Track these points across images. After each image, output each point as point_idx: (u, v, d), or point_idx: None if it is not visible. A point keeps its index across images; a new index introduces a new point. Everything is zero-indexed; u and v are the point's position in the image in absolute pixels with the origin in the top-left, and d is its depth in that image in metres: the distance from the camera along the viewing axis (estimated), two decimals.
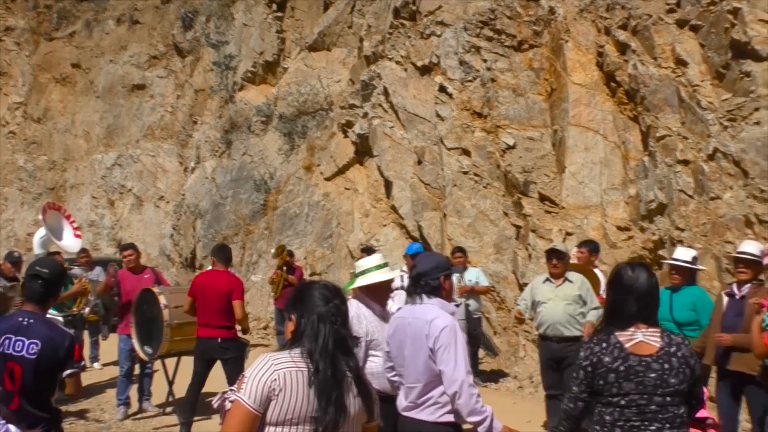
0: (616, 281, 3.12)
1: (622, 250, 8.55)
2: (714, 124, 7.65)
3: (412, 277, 3.66)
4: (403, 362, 3.58)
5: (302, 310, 2.56)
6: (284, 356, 2.46)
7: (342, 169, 13.23)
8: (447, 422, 3.46)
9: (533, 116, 9.84)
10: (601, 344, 3.05)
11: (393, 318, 3.80)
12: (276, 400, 2.37)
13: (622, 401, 2.98)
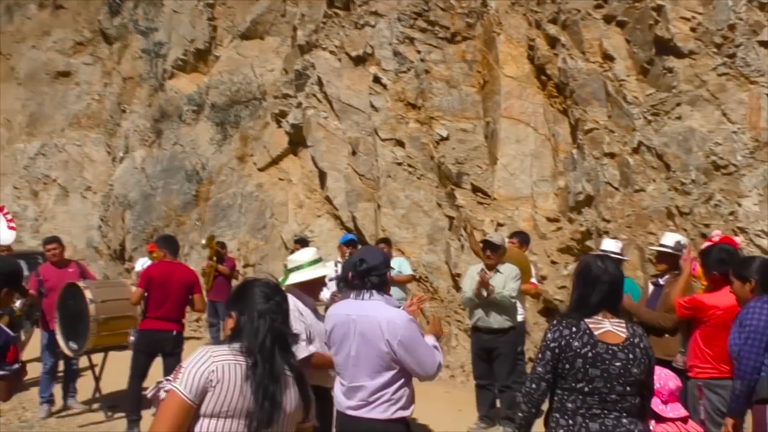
0: (585, 272, 3.22)
1: (551, 240, 8.74)
2: (639, 119, 7.88)
3: (361, 271, 3.48)
4: (347, 361, 3.44)
5: (242, 308, 2.57)
6: (223, 349, 2.46)
7: (275, 160, 13.08)
8: (399, 418, 3.41)
9: (466, 108, 9.94)
10: (570, 328, 3.11)
11: (332, 314, 3.58)
12: (212, 392, 2.37)
13: (586, 388, 3.05)
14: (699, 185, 7.28)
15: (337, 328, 3.50)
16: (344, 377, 3.47)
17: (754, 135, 7.01)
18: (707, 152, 7.24)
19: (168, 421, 2.35)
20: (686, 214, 7.33)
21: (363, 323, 3.40)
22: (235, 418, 2.39)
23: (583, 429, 3.04)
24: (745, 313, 3.92)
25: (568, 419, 3.08)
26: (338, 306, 3.63)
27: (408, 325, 3.36)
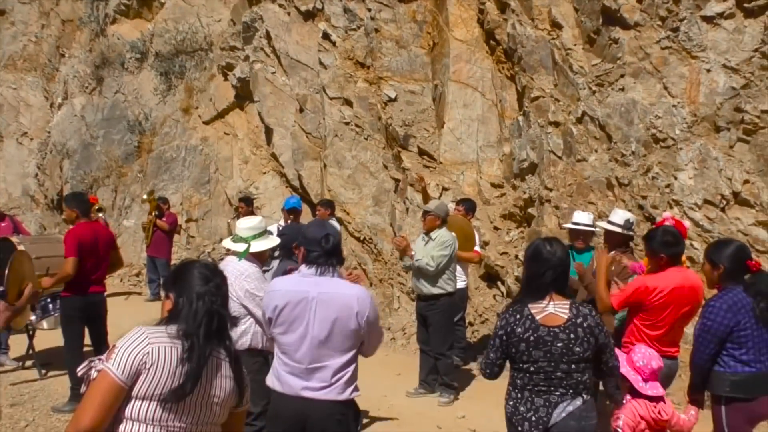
0: (535, 255, 3.36)
1: (495, 206, 8.85)
2: (584, 89, 7.96)
3: (329, 249, 3.39)
4: (303, 341, 3.31)
5: (180, 290, 2.51)
6: (160, 332, 2.41)
7: (221, 114, 12.83)
8: (353, 398, 3.41)
9: (415, 69, 9.87)
10: (515, 315, 3.33)
11: (283, 290, 3.40)
12: (146, 374, 2.32)
13: (531, 368, 3.27)
14: (638, 157, 7.43)
15: (290, 306, 3.33)
16: (297, 358, 3.32)
17: (693, 109, 7.16)
18: (647, 125, 7.38)
19: (98, 402, 2.29)
20: (625, 185, 7.49)
21: (329, 301, 3.30)
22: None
23: (528, 402, 3.30)
24: (706, 311, 3.93)
25: (518, 393, 3.34)
26: (288, 281, 3.48)
27: (372, 300, 3.40)
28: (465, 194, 8.88)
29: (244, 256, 4.47)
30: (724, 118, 6.87)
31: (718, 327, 3.84)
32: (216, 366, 2.47)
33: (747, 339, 3.86)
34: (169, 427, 2.38)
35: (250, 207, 10.33)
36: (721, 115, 6.89)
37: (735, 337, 3.86)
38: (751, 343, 3.87)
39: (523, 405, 3.30)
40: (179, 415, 2.38)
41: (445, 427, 5.91)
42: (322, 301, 3.30)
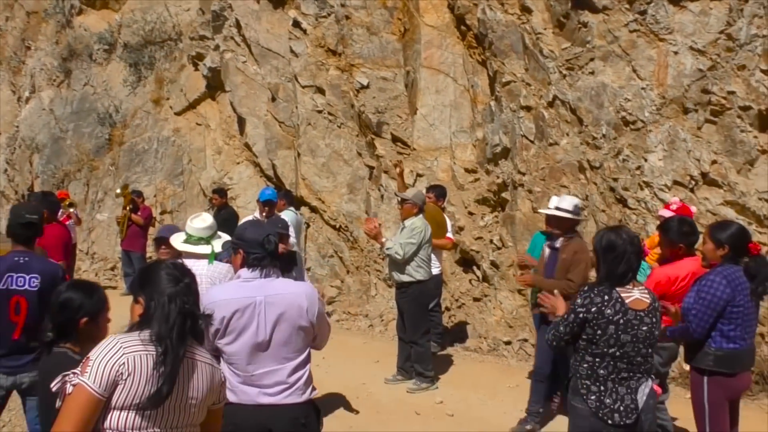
0: (611, 247, 3.40)
1: (468, 191, 8.90)
2: (554, 72, 8.00)
3: (272, 252, 3.24)
4: (252, 347, 3.16)
5: (151, 292, 2.46)
6: (134, 340, 2.35)
7: (193, 104, 12.71)
8: (312, 399, 3.32)
9: (387, 56, 9.85)
10: (602, 296, 3.33)
11: (226, 299, 3.18)
12: (123, 384, 2.28)
13: (618, 353, 3.30)
14: (609, 140, 7.50)
15: (238, 314, 3.15)
16: (249, 366, 3.17)
17: (661, 92, 7.23)
18: (617, 108, 7.44)
19: (76, 417, 2.25)
20: (596, 168, 7.57)
21: (279, 303, 3.16)
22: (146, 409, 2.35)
23: (613, 393, 3.33)
24: (703, 284, 4.00)
25: (600, 385, 3.36)
26: (230, 289, 3.27)
27: (318, 295, 3.32)
28: (439, 180, 8.91)
29: (213, 259, 4.35)
30: (691, 99, 6.96)
31: (718, 300, 3.94)
32: (191, 367, 2.44)
33: (738, 316, 3.98)
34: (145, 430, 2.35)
35: (224, 198, 10.27)
36: (688, 96, 6.98)
37: (728, 312, 3.96)
38: (740, 320, 3.99)
39: (608, 397, 3.33)
40: (157, 420, 2.35)
41: (423, 412, 5.96)
42: (271, 304, 3.16)
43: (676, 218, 4.73)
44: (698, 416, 4.05)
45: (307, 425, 3.25)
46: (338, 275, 10.01)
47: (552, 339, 3.52)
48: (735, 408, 4.17)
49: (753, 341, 4.18)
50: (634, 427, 3.34)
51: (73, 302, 2.92)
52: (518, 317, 7.90)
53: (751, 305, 4.03)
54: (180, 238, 4.47)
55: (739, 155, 6.64)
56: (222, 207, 10.07)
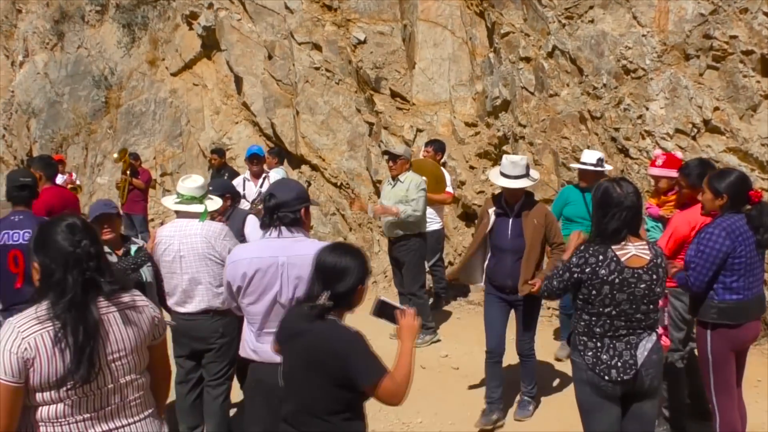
0: (606, 198, 3.30)
1: (469, 145, 8.85)
2: (553, 22, 7.88)
3: (268, 208, 3.24)
4: (273, 308, 3.19)
5: (45, 257, 2.33)
6: (29, 319, 2.29)
7: (189, 64, 12.57)
8: None
9: (383, 10, 9.69)
10: (597, 256, 3.25)
11: (249, 258, 3.22)
12: (33, 368, 2.25)
13: (614, 311, 3.24)
14: (610, 89, 7.42)
15: (261, 273, 3.18)
16: (271, 326, 3.16)
17: (662, 38, 7.13)
18: (618, 56, 7.35)
19: (4, 410, 2.25)
20: (597, 118, 7.51)
21: (301, 265, 3.10)
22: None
23: (611, 349, 3.29)
24: (702, 237, 3.92)
25: (596, 342, 3.32)
26: (254, 248, 3.32)
27: None
28: (439, 135, 8.86)
29: (205, 217, 4.38)
30: (693, 45, 6.86)
31: (717, 253, 3.86)
32: (109, 322, 2.38)
33: (740, 267, 3.91)
34: (83, 399, 2.33)
35: (223, 158, 10.23)
36: (690, 42, 6.87)
37: (729, 264, 3.89)
38: (743, 270, 3.92)
39: (605, 353, 3.29)
40: (83, 387, 2.32)
41: (428, 366, 6.03)
42: (293, 265, 3.15)
43: (696, 160, 4.64)
44: (704, 368, 4.05)
45: None
46: (341, 233, 10.03)
47: (545, 291, 3.51)
48: (742, 358, 4.14)
49: (760, 290, 4.13)
50: (633, 383, 3.31)
51: (353, 270, 2.76)
52: None
53: (755, 254, 3.95)
54: (172, 199, 4.50)
55: (742, 101, 6.57)
56: (221, 167, 10.04)
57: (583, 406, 3.47)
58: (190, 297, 4.28)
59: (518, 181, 4.84)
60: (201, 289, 4.26)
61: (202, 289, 4.26)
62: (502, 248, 4.95)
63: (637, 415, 3.41)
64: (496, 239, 4.97)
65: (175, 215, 4.52)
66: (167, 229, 4.40)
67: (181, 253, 4.25)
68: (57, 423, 2.33)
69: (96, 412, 2.36)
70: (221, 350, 4.34)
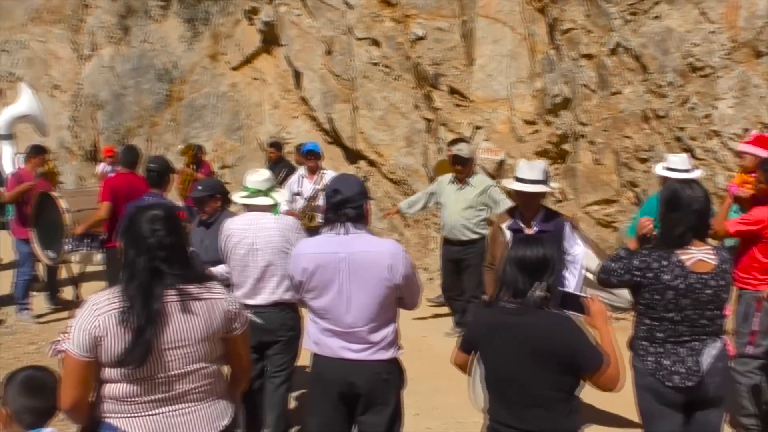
0: (674, 200, 3.22)
1: (528, 143, 8.77)
2: (617, 18, 7.74)
3: (334, 204, 3.23)
4: (338, 304, 3.19)
5: (125, 240, 2.52)
6: (105, 298, 2.44)
7: (249, 59, 12.76)
8: (396, 357, 3.36)
9: (442, 5, 9.66)
10: (660, 261, 3.16)
11: (311, 253, 3.25)
12: (101, 345, 2.39)
13: (677, 317, 3.16)
14: (675, 87, 7.26)
15: (322, 269, 3.19)
16: (333, 322, 3.22)
17: (732, 35, 6.93)
18: (684, 53, 7.18)
19: (71, 381, 2.42)
20: (662, 117, 7.35)
21: (361, 261, 3.15)
22: None
23: (673, 354, 3.20)
24: None
25: (658, 347, 3.23)
26: (316, 243, 3.33)
27: (406, 255, 3.29)
28: (498, 132, 8.83)
29: (278, 210, 4.45)
30: (765, 42, 6.66)
31: None
32: (173, 311, 2.47)
33: None
34: (145, 382, 2.44)
35: (280, 151, 10.35)
36: (762, 39, 6.67)
37: None
38: None
39: (667, 359, 3.20)
40: (147, 370, 2.42)
41: None
42: (354, 261, 3.15)
43: None
44: None
45: (390, 381, 3.31)
46: (397, 229, 10.07)
47: (600, 281, 3.45)
48: None
49: None
50: (698, 391, 3.20)
51: (555, 259, 2.83)
52: None
53: None
54: (240, 193, 4.58)
55: None
56: (278, 160, 10.16)
57: (643, 412, 3.38)
58: (262, 289, 4.33)
59: (535, 186, 4.35)
60: (274, 281, 4.31)
61: (274, 282, 4.31)
62: None
63: (701, 424, 3.30)
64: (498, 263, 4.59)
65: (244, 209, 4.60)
66: (239, 221, 4.46)
67: (256, 246, 4.29)
68: (120, 401, 2.45)
69: (159, 395, 2.47)
70: (288, 343, 4.39)
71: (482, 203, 6.60)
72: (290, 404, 4.91)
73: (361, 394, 3.27)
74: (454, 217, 6.61)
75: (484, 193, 6.57)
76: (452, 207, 6.61)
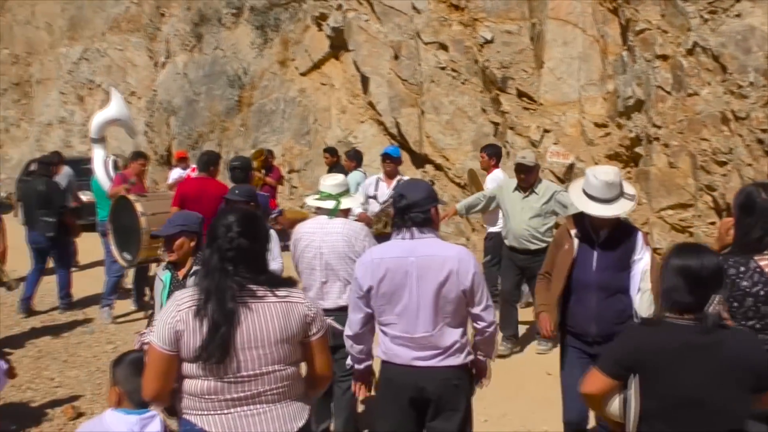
0: (748, 203, 3.09)
1: (599, 147, 8.59)
2: (694, 17, 7.49)
3: (400, 209, 3.23)
4: (407, 310, 3.17)
5: (208, 239, 2.62)
6: (187, 294, 2.53)
7: (317, 64, 12.92)
8: (468, 363, 3.32)
9: (511, 8, 9.56)
10: (737, 267, 3.02)
11: (378, 258, 3.23)
12: (182, 339, 2.47)
13: (758, 325, 3.01)
14: (757, 88, 6.97)
15: (391, 274, 3.16)
16: (402, 329, 3.20)
17: None
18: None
19: (154, 373, 2.52)
20: (742, 118, 7.07)
21: (429, 266, 3.13)
22: None
23: None
24: None
25: None
26: (384, 249, 3.31)
27: (474, 259, 3.26)
28: (567, 135, 8.67)
29: (335, 213, 4.48)
30: None
31: None
32: (252, 311, 2.52)
33: None
34: (220, 382, 2.49)
35: (335, 157, 10.44)
36: None
37: None
38: None
39: None
40: (222, 369, 2.48)
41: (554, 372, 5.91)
42: (422, 266, 3.13)
43: None
44: None
45: (460, 386, 3.28)
46: (463, 233, 10.01)
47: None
48: None
49: None
50: None
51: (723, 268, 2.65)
52: None
53: None
54: (313, 196, 4.68)
55: None
56: (333, 165, 10.26)
57: None
58: (328, 294, 4.39)
59: (615, 206, 3.79)
60: (339, 286, 4.37)
61: (339, 286, 4.37)
62: (584, 283, 3.91)
63: None
64: (577, 271, 3.93)
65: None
66: (308, 225, 4.54)
67: (321, 249, 4.36)
68: (198, 399, 2.52)
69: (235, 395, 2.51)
70: None
71: (549, 211, 6.39)
72: (358, 408, 4.93)
73: (431, 400, 3.25)
74: (520, 227, 6.38)
75: (551, 200, 6.33)
76: (518, 216, 6.39)
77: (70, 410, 5.49)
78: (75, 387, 6.09)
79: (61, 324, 7.98)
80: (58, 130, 20.37)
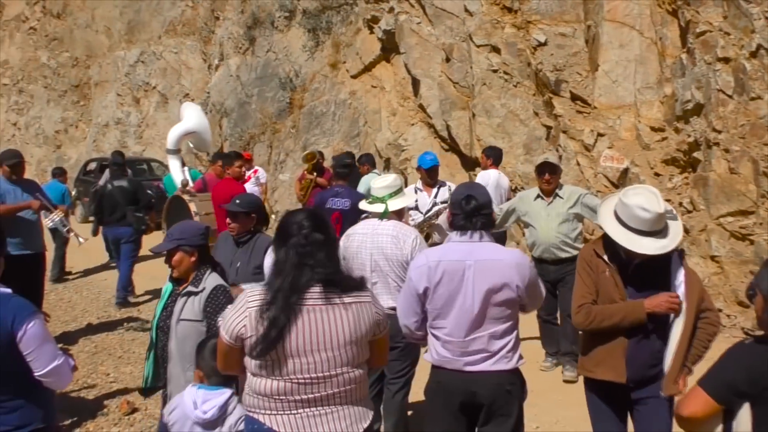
0: None
1: (655, 151, 8.40)
2: (759, 19, 7.28)
3: (468, 211, 3.19)
4: (462, 313, 3.15)
5: (278, 240, 2.67)
6: (256, 292, 2.59)
7: (368, 67, 12.95)
8: (518, 367, 3.29)
9: (566, 11, 9.43)
10: None
11: (435, 260, 3.21)
12: (245, 335, 2.55)
13: None
14: None
15: (448, 276, 3.15)
16: (456, 332, 3.18)
17: None
18: None
19: (222, 358, 2.71)
20: None
21: (488, 270, 3.12)
22: None
23: None
24: None
25: None
26: (441, 251, 3.30)
27: (531, 263, 3.26)
28: (622, 139, 8.50)
29: (386, 215, 4.47)
30: None
31: None
32: (322, 314, 2.55)
33: None
34: (288, 380, 2.53)
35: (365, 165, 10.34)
36: None
37: None
38: None
39: None
40: (288, 367, 2.52)
41: None
42: (480, 270, 3.12)
43: None
44: None
45: (512, 392, 3.24)
46: (513, 237, 9.90)
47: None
48: None
49: None
50: None
51: None
52: (711, 285, 7.39)
53: None
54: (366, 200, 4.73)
55: None
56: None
57: None
58: (379, 295, 4.36)
59: (670, 234, 3.35)
60: (388, 287, 4.37)
61: (389, 288, 4.37)
62: None
63: None
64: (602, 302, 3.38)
65: None
66: (360, 227, 4.58)
67: (371, 251, 4.39)
68: (265, 398, 2.56)
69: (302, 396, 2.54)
70: (405, 349, 4.40)
71: (576, 215, 6.03)
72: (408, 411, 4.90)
73: (483, 405, 3.22)
74: (549, 235, 5.97)
75: (577, 203, 5.97)
76: (545, 225, 5.99)
77: (125, 405, 5.60)
78: (130, 383, 6.21)
79: (115, 320, 8.16)
80: (114, 131, 20.88)
